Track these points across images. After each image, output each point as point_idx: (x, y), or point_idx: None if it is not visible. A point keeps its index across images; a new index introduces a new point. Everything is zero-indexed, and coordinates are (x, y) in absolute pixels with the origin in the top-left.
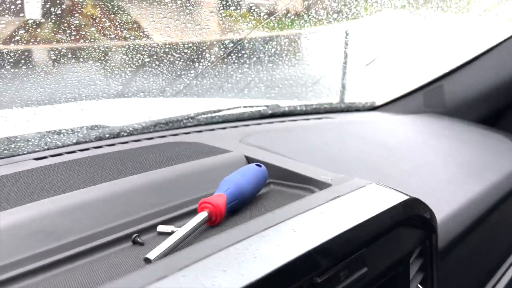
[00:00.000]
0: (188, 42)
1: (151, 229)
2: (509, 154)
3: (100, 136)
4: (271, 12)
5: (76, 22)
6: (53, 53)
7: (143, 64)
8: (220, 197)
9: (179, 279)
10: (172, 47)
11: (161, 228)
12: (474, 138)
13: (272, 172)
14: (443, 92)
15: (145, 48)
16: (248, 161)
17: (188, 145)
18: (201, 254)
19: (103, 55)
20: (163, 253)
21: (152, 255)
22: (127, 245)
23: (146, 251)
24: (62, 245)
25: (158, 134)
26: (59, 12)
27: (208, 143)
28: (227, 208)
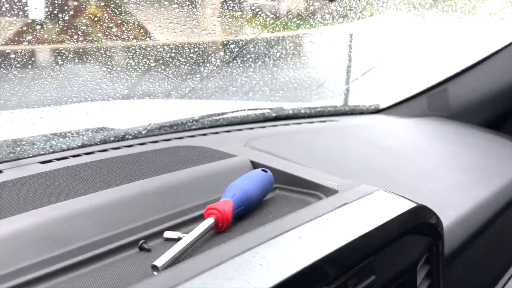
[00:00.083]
0: (194, 47)
1: (158, 235)
2: None
3: (105, 139)
4: (276, 17)
5: (83, 28)
6: (59, 57)
7: (149, 68)
8: (227, 203)
9: None
10: (178, 51)
11: (167, 234)
12: (479, 142)
13: (278, 177)
14: (447, 96)
15: (152, 52)
16: (253, 165)
17: (194, 150)
18: (208, 263)
19: (109, 60)
20: (170, 260)
21: (160, 262)
22: (134, 251)
23: (153, 258)
24: (67, 252)
25: (163, 137)
26: (67, 18)
27: (213, 147)
28: (234, 214)
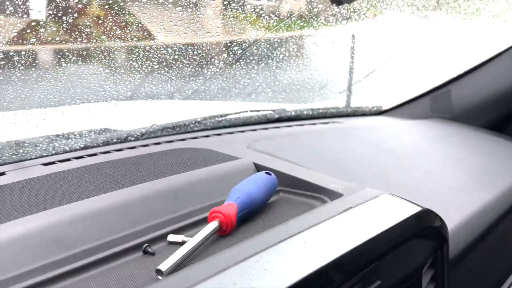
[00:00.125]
0: (197, 48)
1: (162, 238)
2: None
3: (108, 140)
4: (280, 19)
5: (87, 30)
6: (63, 59)
7: (152, 70)
8: (231, 206)
9: None
10: (181, 53)
11: (171, 238)
12: (482, 144)
13: (281, 179)
14: (450, 97)
15: (155, 54)
16: (257, 168)
17: (197, 152)
18: (213, 268)
19: (113, 61)
20: (174, 264)
21: (164, 267)
22: (138, 255)
23: (157, 262)
24: (71, 256)
25: (166, 139)
26: (71, 20)
27: (216, 149)
28: (238, 217)
